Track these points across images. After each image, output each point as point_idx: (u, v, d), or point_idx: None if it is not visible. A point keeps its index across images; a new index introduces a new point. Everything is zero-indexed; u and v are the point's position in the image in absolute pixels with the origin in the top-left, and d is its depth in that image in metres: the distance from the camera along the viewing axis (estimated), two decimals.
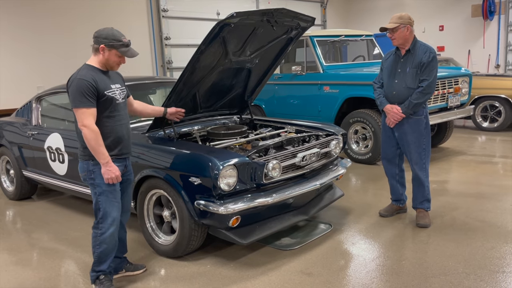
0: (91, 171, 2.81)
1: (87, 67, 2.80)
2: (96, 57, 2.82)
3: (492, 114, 8.27)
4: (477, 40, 11.70)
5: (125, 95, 2.97)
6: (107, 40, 2.74)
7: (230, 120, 4.51)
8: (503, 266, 3.09)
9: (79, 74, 2.72)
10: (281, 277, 3.06)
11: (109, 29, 2.80)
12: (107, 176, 2.74)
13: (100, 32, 2.78)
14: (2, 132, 5.17)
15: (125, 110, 2.96)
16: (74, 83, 2.69)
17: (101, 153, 2.71)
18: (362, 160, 6.13)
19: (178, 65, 9.76)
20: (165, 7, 9.58)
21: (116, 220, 2.89)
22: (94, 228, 2.89)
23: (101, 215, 2.85)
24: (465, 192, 4.75)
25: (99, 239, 2.86)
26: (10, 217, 4.75)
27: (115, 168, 2.77)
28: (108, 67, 2.85)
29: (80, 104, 2.67)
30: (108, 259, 2.91)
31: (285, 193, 3.30)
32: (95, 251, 2.89)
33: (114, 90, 2.84)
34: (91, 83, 2.69)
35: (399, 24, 3.62)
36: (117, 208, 2.89)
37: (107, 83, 2.81)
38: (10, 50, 7.58)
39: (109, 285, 2.92)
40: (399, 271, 3.09)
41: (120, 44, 2.77)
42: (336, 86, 6.37)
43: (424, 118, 3.77)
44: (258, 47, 3.83)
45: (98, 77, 2.76)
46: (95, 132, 2.68)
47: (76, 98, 2.68)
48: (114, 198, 2.86)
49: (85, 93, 2.66)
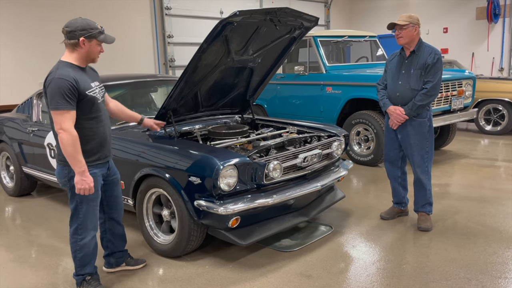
0: (70, 177, 2.62)
1: (65, 64, 2.58)
2: (75, 53, 2.60)
3: (496, 118, 8.23)
4: (481, 42, 11.65)
5: (103, 93, 2.81)
6: (85, 31, 2.55)
7: (231, 119, 4.49)
8: (505, 271, 3.05)
9: (57, 74, 2.50)
10: (280, 279, 3.04)
11: (81, 19, 2.59)
12: (80, 186, 2.54)
13: (73, 24, 2.56)
14: (2, 128, 5.16)
15: (105, 110, 2.82)
16: (53, 83, 2.48)
17: (78, 161, 2.50)
18: (364, 161, 6.10)
19: (181, 63, 9.73)
20: (168, 5, 9.56)
21: (97, 225, 2.82)
22: (73, 234, 2.75)
23: (80, 221, 2.72)
24: (467, 196, 4.72)
25: (79, 245, 2.75)
26: (9, 214, 4.73)
27: (90, 179, 2.58)
28: (89, 60, 2.67)
29: (59, 106, 2.46)
30: (91, 262, 2.85)
31: (286, 194, 3.28)
32: (76, 256, 2.78)
33: (94, 89, 2.67)
34: (71, 83, 2.49)
35: (408, 22, 3.59)
36: (97, 214, 2.80)
37: (87, 82, 2.63)
38: (12, 46, 7.56)
39: (96, 284, 2.87)
40: (399, 275, 3.06)
41: (98, 32, 2.60)
42: (338, 87, 6.34)
43: (427, 120, 3.73)
44: (260, 46, 3.80)
45: (78, 76, 2.56)
46: (73, 136, 2.48)
47: (54, 99, 2.46)
48: (96, 205, 2.77)
49: (65, 94, 2.46)
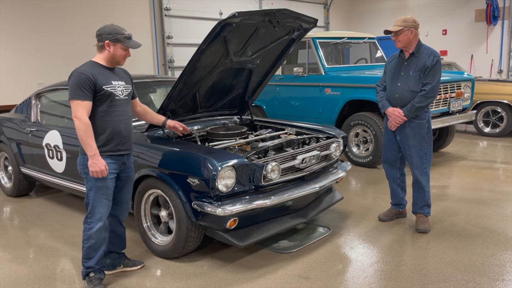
0: (85, 165, 2.83)
1: (90, 63, 2.88)
2: (102, 54, 2.89)
3: (494, 120, 8.24)
4: (480, 45, 11.67)
5: (128, 93, 3.00)
6: (111, 35, 2.82)
7: (230, 120, 4.48)
8: (503, 274, 3.05)
9: (79, 69, 2.81)
10: (278, 281, 3.03)
11: (110, 25, 2.88)
12: (92, 169, 2.76)
13: (102, 29, 2.86)
14: (1, 128, 5.14)
15: (126, 107, 2.98)
16: (73, 76, 2.78)
17: (89, 145, 2.74)
18: (362, 163, 6.10)
19: (180, 64, 9.72)
20: (168, 6, 9.56)
21: (104, 217, 2.89)
22: (84, 223, 2.92)
23: (89, 209, 2.89)
24: (465, 198, 4.72)
25: (87, 234, 2.88)
26: (7, 214, 4.72)
27: (102, 163, 2.78)
28: (115, 62, 2.92)
29: (75, 96, 2.74)
30: (96, 256, 2.90)
31: (284, 196, 3.27)
32: (84, 246, 2.91)
33: (115, 86, 2.89)
34: (88, 77, 2.75)
35: (403, 27, 3.60)
36: (106, 205, 2.89)
37: (108, 79, 2.86)
38: (11, 46, 7.54)
39: (97, 283, 2.91)
40: (397, 276, 3.06)
41: (123, 37, 2.85)
42: (337, 88, 6.34)
43: (426, 122, 3.73)
44: (259, 48, 3.80)
45: (99, 72, 2.82)
46: (85, 124, 2.73)
47: (72, 90, 2.75)
48: (104, 194, 2.87)
49: (81, 86, 2.73)
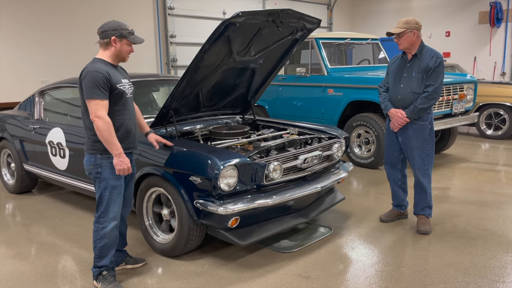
0: (98, 165, 2.80)
1: (99, 60, 2.80)
2: (107, 51, 2.83)
3: (497, 122, 8.23)
4: (484, 47, 11.64)
5: (132, 91, 3.00)
6: (116, 31, 2.77)
7: (232, 120, 4.49)
8: (503, 276, 3.06)
9: (92, 67, 2.73)
10: (279, 280, 3.04)
11: (113, 21, 2.83)
12: (120, 167, 2.74)
13: (106, 25, 2.80)
14: (4, 125, 5.17)
15: (132, 105, 2.99)
16: (89, 75, 2.70)
17: (114, 144, 2.70)
18: (364, 164, 6.10)
19: (183, 63, 9.73)
20: (171, 5, 9.57)
21: (118, 215, 2.89)
22: (95, 223, 2.88)
23: (103, 209, 2.84)
24: (467, 200, 4.72)
25: (100, 234, 2.85)
26: (9, 211, 4.74)
27: (127, 160, 2.77)
28: (120, 58, 2.88)
29: (94, 96, 2.67)
30: (109, 254, 2.91)
31: (286, 195, 3.28)
32: (96, 246, 2.88)
33: (125, 84, 2.88)
34: (105, 75, 2.70)
35: (405, 29, 3.60)
36: (119, 203, 2.89)
37: (118, 77, 2.84)
38: (14, 43, 7.56)
39: (112, 280, 2.92)
40: (398, 277, 3.06)
41: (128, 32, 2.82)
42: (340, 89, 6.35)
43: (428, 123, 3.74)
44: (263, 48, 3.81)
45: (110, 70, 2.78)
46: (108, 123, 2.68)
47: (90, 89, 2.68)
48: (119, 193, 2.87)
49: (99, 85, 2.67)
